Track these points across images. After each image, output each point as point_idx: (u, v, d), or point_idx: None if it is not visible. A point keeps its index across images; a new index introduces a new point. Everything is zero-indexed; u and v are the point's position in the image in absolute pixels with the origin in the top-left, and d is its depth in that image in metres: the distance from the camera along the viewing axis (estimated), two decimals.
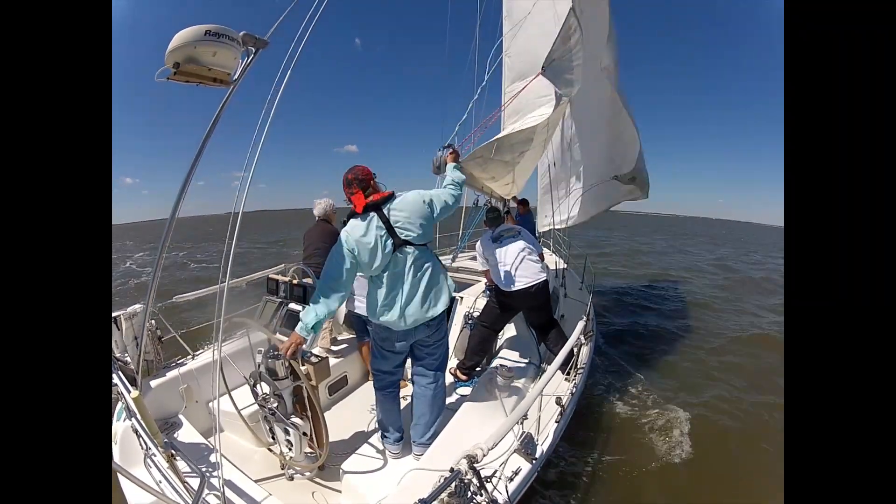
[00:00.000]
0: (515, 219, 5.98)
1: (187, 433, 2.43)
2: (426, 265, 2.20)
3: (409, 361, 2.52)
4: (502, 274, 3.15)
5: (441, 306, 2.27)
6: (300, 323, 2.03)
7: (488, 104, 5.12)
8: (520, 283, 3.09)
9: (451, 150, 2.66)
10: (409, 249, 2.14)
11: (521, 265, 3.14)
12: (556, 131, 5.50)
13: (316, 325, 2.03)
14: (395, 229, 2.10)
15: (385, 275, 2.16)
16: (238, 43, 1.42)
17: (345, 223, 2.17)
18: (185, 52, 1.35)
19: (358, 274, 2.19)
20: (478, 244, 3.45)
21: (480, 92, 4.07)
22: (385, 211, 2.11)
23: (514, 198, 5.76)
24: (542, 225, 6.96)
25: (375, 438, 2.49)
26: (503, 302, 3.24)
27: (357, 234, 2.09)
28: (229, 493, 1.83)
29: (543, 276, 3.15)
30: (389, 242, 2.10)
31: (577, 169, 5.77)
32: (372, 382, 3.55)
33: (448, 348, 2.56)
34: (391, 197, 2.14)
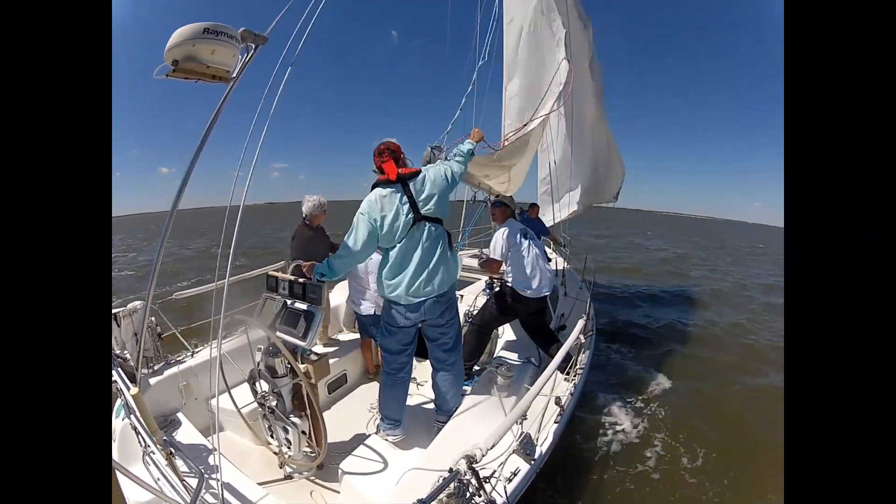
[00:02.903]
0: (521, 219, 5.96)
1: (186, 431, 2.43)
2: (439, 242, 2.27)
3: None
4: (522, 275, 3.08)
5: (447, 285, 2.33)
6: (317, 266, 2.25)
7: (489, 101, 5.13)
8: (539, 291, 3.06)
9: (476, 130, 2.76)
10: (427, 225, 2.22)
11: (543, 270, 3.10)
12: (555, 132, 5.54)
13: (322, 275, 2.24)
14: (419, 204, 2.19)
15: (398, 247, 2.23)
16: (237, 40, 1.42)
17: (372, 190, 2.27)
18: (183, 50, 1.35)
19: (367, 273, 2.26)
20: (503, 233, 3.15)
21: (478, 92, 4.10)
22: (411, 185, 2.20)
23: (511, 198, 5.76)
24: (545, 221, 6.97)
25: (375, 438, 2.49)
26: (511, 304, 3.16)
27: (381, 203, 2.19)
28: (227, 492, 1.83)
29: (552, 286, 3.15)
30: (411, 217, 2.18)
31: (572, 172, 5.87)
32: (373, 380, 3.59)
33: (461, 328, 2.61)
34: (418, 173, 2.24)
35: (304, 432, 2.22)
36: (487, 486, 1.47)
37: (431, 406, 2.76)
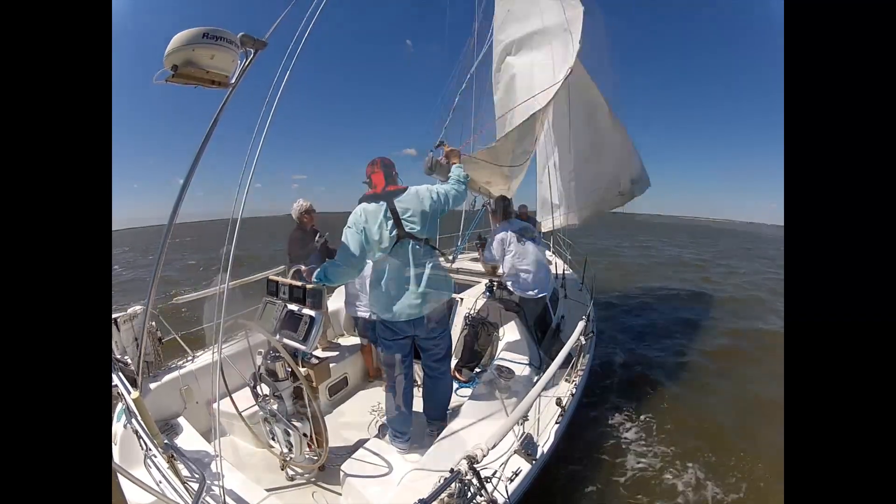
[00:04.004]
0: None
1: (187, 434, 2.43)
2: (426, 262, 2.26)
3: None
4: (521, 276, 3.07)
5: (436, 304, 2.32)
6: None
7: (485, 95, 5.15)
8: (538, 293, 3.05)
9: (450, 150, 2.72)
10: (412, 243, 2.21)
11: (542, 272, 3.08)
12: (557, 132, 5.56)
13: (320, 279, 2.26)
14: (402, 221, 2.19)
15: (386, 265, 2.24)
16: (236, 45, 1.43)
17: (359, 203, 2.29)
18: (182, 55, 1.35)
19: (363, 276, 2.30)
20: (501, 236, 3.17)
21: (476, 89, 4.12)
22: (396, 202, 2.20)
23: (510, 200, 5.78)
24: (544, 226, 6.96)
25: (376, 440, 2.49)
26: (511, 306, 3.17)
27: (365, 215, 2.20)
28: (229, 495, 1.83)
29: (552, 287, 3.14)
30: (394, 233, 2.17)
31: (575, 175, 5.84)
32: (373, 384, 3.59)
33: (451, 338, 2.63)
34: (404, 190, 2.25)
35: (305, 435, 2.22)
36: (489, 486, 1.47)
37: None
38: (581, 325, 2.85)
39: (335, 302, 4.24)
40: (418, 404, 2.69)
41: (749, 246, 28.67)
